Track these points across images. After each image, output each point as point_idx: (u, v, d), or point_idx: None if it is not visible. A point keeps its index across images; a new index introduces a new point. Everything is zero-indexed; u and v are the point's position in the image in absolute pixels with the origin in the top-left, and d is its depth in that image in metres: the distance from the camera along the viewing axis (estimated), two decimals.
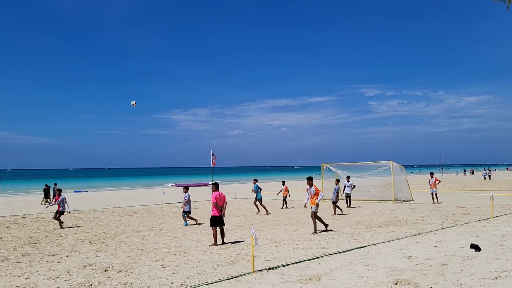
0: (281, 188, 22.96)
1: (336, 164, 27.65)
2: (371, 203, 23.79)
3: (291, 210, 21.40)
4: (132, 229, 15.30)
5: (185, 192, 16.16)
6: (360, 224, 15.23)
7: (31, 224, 17.42)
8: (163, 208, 23.74)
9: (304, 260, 9.11)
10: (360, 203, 24.00)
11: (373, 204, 23.20)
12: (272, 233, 13.48)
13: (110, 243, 12.25)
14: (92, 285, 7.52)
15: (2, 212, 22.97)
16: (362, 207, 21.89)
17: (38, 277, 8.30)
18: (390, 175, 24.71)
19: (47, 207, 27.90)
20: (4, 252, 11.24)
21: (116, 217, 19.62)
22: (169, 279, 7.83)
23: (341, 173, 26.14)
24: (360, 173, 27.04)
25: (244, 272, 8.17)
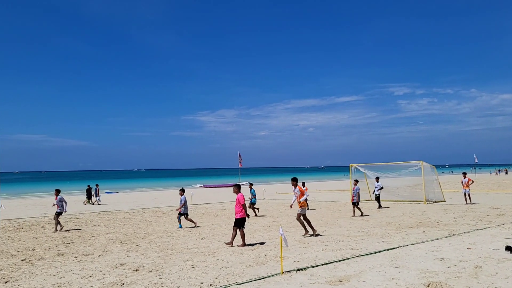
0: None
1: (364, 164, 27.33)
2: (401, 204, 23.39)
3: (317, 211, 21.24)
4: (161, 229, 15.53)
5: (181, 195, 16.02)
6: (390, 225, 14.99)
7: (65, 224, 17.90)
8: (192, 209, 23.96)
9: (333, 261, 9.03)
10: (389, 204, 23.63)
11: (403, 205, 22.79)
12: (300, 234, 13.42)
13: (140, 243, 12.47)
14: (124, 285, 7.68)
15: (38, 212, 23.73)
16: (391, 207, 21.54)
17: (72, 276, 8.53)
18: (421, 176, 24.24)
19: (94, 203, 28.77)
20: (40, 251, 11.61)
21: (146, 217, 19.96)
22: (199, 279, 7.91)
23: (370, 173, 25.81)
24: (390, 173, 26.62)
25: (272, 273, 8.16)
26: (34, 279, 8.32)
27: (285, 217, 18.74)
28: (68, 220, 19.32)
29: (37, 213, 23.51)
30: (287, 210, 21.91)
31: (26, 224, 18.28)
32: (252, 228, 15.20)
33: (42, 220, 19.75)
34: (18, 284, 7.99)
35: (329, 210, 21.04)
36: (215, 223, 16.92)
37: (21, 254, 11.25)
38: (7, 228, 16.80)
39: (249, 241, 12.17)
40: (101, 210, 24.45)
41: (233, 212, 21.09)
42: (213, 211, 22.15)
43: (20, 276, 8.66)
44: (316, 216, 18.52)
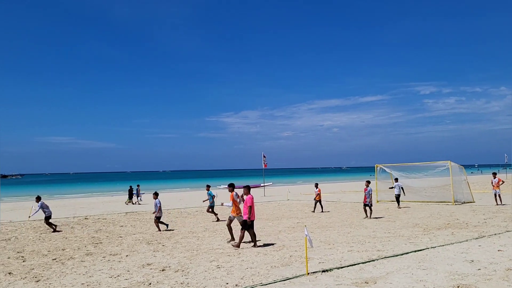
0: (314, 191, 22.04)
1: (390, 164, 26.94)
2: (429, 205, 22.96)
3: (343, 212, 21.05)
4: (187, 230, 15.69)
5: (155, 198, 15.78)
6: (417, 226, 14.73)
7: (93, 224, 18.31)
8: (216, 210, 24.11)
9: (359, 263, 8.95)
10: (416, 205, 23.25)
11: (431, 206, 22.37)
12: (325, 235, 13.35)
13: (166, 244, 12.63)
14: (151, 284, 7.79)
15: (67, 213, 24.31)
16: (418, 208, 21.16)
17: (101, 275, 8.72)
18: (449, 176, 23.74)
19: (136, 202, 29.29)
20: (69, 251, 11.90)
21: (171, 218, 20.19)
22: (224, 279, 7.96)
23: (395, 174, 25.45)
24: (416, 173, 26.19)
25: (298, 274, 8.14)
26: (65, 278, 8.54)
27: (310, 218, 18.65)
28: (96, 221, 19.73)
29: (66, 214, 24.09)
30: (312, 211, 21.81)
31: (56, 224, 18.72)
32: (276, 229, 15.21)
33: (72, 220, 20.23)
34: (49, 283, 8.21)
35: (354, 211, 20.82)
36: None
37: (52, 253, 11.56)
38: (38, 229, 17.28)
39: (274, 242, 12.19)
40: (127, 211, 24.87)
41: (256, 213, 21.18)
42: None
43: (51, 275, 8.90)
44: (341, 217, 18.38)
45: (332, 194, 35.53)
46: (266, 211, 22.66)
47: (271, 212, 21.95)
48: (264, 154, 38.15)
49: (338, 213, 20.18)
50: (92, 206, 30.45)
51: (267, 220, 18.08)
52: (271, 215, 20.16)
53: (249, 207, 11.48)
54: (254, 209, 11.80)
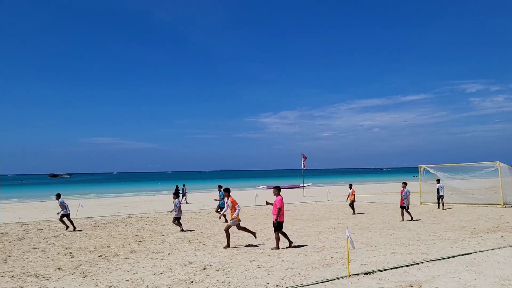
0: (348, 192, 21.55)
1: (434, 165, 26.11)
2: (476, 207, 22.08)
3: (385, 214, 20.59)
4: None
5: (175, 198, 16.14)
6: (464, 229, 14.20)
7: (136, 223, 18.79)
8: (256, 210, 24.21)
9: (403, 266, 8.72)
10: (463, 207, 22.42)
11: (478, 208, 21.51)
12: (367, 236, 13.10)
13: (207, 243, 12.78)
14: (193, 282, 7.90)
15: (111, 211, 25.08)
16: (464, 211, 20.40)
17: (145, 272, 8.93)
18: (497, 177, 22.76)
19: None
20: (114, 248, 12.27)
21: (211, 218, 20.41)
22: (265, 279, 7.96)
23: (440, 174, 24.66)
24: (463, 174, 25.27)
25: (339, 275, 8.03)
26: (110, 274, 8.81)
27: (351, 219, 18.36)
28: (139, 219, 20.23)
29: (111, 212, 24.86)
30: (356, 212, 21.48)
31: (102, 222, 19.38)
32: (316, 229, 15.07)
33: (116, 218, 20.85)
34: (96, 278, 8.50)
35: (397, 213, 20.31)
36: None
37: (98, 250, 11.95)
38: (85, 226, 17.92)
39: (314, 243, 12.08)
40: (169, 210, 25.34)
41: (296, 214, 21.10)
42: None
43: (97, 271, 9.21)
44: (383, 219, 17.99)
45: (373, 195, 34.85)
46: (305, 211, 22.50)
47: (310, 212, 21.78)
48: (303, 155, 37.94)
49: (380, 215, 19.77)
50: (135, 205, 31.26)
51: (307, 221, 17.94)
52: (311, 216, 20.00)
53: (278, 208, 11.37)
54: (284, 210, 11.65)
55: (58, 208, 17.13)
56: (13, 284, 8.24)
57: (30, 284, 8.21)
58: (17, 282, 8.36)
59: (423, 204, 24.52)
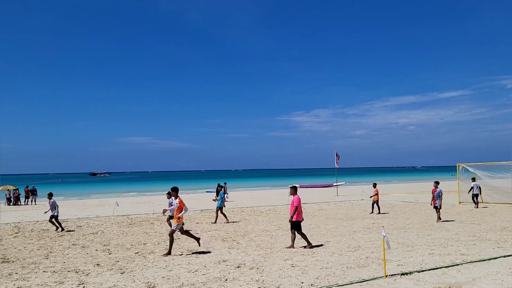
0: (372, 191, 20.87)
1: (474, 164, 25.26)
2: None
3: (421, 213, 20.08)
4: (260, 228, 15.83)
5: (169, 198, 15.19)
6: (506, 230, 13.67)
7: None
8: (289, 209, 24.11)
9: (442, 267, 8.47)
10: (504, 207, 21.60)
11: None
12: (403, 236, 12.81)
13: (241, 241, 12.83)
14: (227, 280, 7.95)
15: (147, 209, 25.59)
16: (506, 211, 19.64)
17: (180, 270, 9.05)
18: None
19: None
20: (150, 245, 12.50)
21: (245, 216, 20.49)
22: (299, 278, 7.91)
23: (480, 173, 23.87)
24: (504, 173, 24.29)
25: (375, 276, 7.89)
26: (147, 271, 8.98)
27: (386, 218, 18.02)
28: None
29: (146, 210, 25.37)
30: (388, 211, 21.08)
31: (137, 220, 19.79)
32: (351, 229, 14.87)
33: (151, 216, 21.25)
34: (133, 275, 8.68)
35: (434, 212, 19.76)
36: (313, 223, 16.81)
37: (134, 247, 12.21)
38: (122, 224, 18.35)
39: (349, 243, 11.92)
40: (203, 208, 25.62)
41: (330, 213, 20.90)
42: (311, 211, 22.05)
43: (134, 268, 9.41)
44: (420, 219, 17.57)
45: (409, 195, 34.10)
46: (339, 211, 22.25)
47: (344, 212, 21.52)
48: (336, 153, 37.55)
49: (416, 214, 19.31)
50: None
51: (340, 220, 17.73)
52: (345, 215, 19.76)
53: (295, 207, 11.29)
54: (301, 209, 11.51)
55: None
56: (55, 279, 8.53)
57: (71, 279, 8.47)
58: (59, 277, 8.65)
59: (462, 203, 23.78)
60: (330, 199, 31.21)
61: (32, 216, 23.19)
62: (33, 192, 35.49)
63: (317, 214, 20.58)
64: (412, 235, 13.12)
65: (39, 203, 35.02)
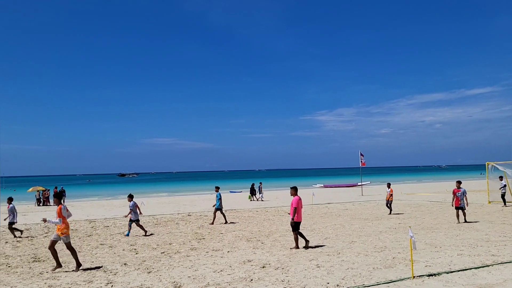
0: (386, 191, 20.13)
1: (504, 162, 24.56)
2: None
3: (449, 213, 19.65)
4: (284, 228, 15.79)
5: (130, 201, 15.06)
6: None
7: (196, 221, 19.25)
8: (313, 208, 24.01)
9: (471, 268, 8.29)
10: None
11: None
12: (431, 237, 12.58)
13: (265, 241, 12.83)
14: (253, 280, 7.96)
15: (172, 210, 25.88)
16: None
17: (205, 269, 9.12)
18: None
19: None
20: (175, 245, 12.64)
21: (269, 216, 20.49)
22: (325, 279, 7.86)
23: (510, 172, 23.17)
24: None
25: (402, 276, 7.77)
26: (173, 271, 9.08)
27: (413, 218, 17.72)
28: (198, 218, 20.70)
29: (171, 210, 25.66)
30: (414, 211, 20.74)
31: (163, 220, 20.03)
32: (377, 229, 14.69)
33: (176, 217, 21.47)
34: (159, 274, 8.79)
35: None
36: (338, 223, 16.68)
37: (160, 247, 12.37)
38: (147, 224, 18.60)
39: (375, 243, 11.77)
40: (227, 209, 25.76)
41: (355, 213, 20.69)
42: (335, 211, 21.88)
43: (160, 267, 9.53)
44: (447, 219, 17.21)
45: (436, 194, 33.45)
46: (365, 210, 22.00)
47: (370, 212, 21.27)
48: (361, 153, 37.18)
49: (444, 214, 18.92)
50: (194, 203, 32.05)
51: (366, 220, 17.53)
52: (370, 215, 19.52)
53: (294, 208, 11.22)
54: (301, 210, 11.40)
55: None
56: (84, 278, 8.72)
57: (99, 278, 8.65)
58: (87, 276, 8.84)
59: (491, 203, 23.19)
60: (355, 199, 30.90)
61: None
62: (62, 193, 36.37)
63: (342, 214, 20.40)
64: (440, 235, 12.86)
65: (67, 203, 35.86)
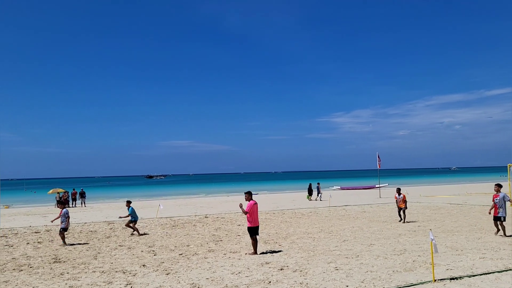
0: (397, 197, 17.87)
1: None
2: None
3: (471, 215, 19.30)
4: (302, 230, 15.72)
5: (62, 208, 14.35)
6: None
7: (213, 223, 19.29)
8: (330, 210, 23.85)
9: (494, 272, 8.11)
10: None
11: None
12: (451, 240, 12.36)
13: (283, 244, 12.78)
14: (271, 283, 7.93)
15: (189, 212, 26.00)
16: None
17: (223, 271, 9.12)
18: None
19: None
20: (193, 247, 12.68)
21: (286, 218, 20.42)
22: (344, 282, 7.78)
23: None
24: None
25: (423, 280, 7.65)
26: (191, 272, 9.11)
27: (432, 221, 17.45)
28: (215, 220, 20.74)
29: (188, 212, 25.76)
30: (434, 214, 20.43)
31: (180, 222, 20.13)
32: (396, 232, 14.51)
33: (193, 218, 21.56)
34: (178, 276, 8.83)
35: (484, 215, 18.98)
36: (356, 226, 16.53)
37: (178, 249, 12.43)
38: (165, 225, 18.72)
39: (394, 246, 11.61)
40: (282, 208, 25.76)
41: (373, 215, 20.48)
42: (353, 214, 21.69)
43: (179, 269, 9.57)
44: (469, 221, 16.90)
45: (456, 197, 32.92)
46: (383, 213, 21.76)
47: (388, 214, 21.02)
48: (378, 154, 36.87)
49: (465, 217, 18.58)
50: (211, 205, 32.14)
51: (384, 223, 17.33)
52: (389, 218, 19.29)
53: (245, 213, 11.20)
54: (255, 215, 11.30)
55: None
56: (104, 279, 8.81)
57: (119, 279, 8.72)
58: (107, 277, 8.92)
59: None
60: (372, 201, 30.60)
61: (80, 218, 24.08)
62: (82, 194, 36.94)
63: (360, 217, 20.21)
64: (461, 238, 12.63)
65: (88, 205, 36.40)
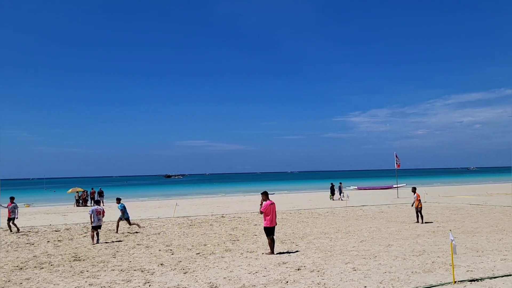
0: (413, 197, 17.65)
1: None
2: None
3: (491, 216, 18.95)
4: (319, 230, 15.65)
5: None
6: None
7: (229, 222, 19.35)
8: (347, 211, 23.70)
9: None
10: None
11: None
12: (472, 241, 12.16)
13: (299, 244, 12.75)
14: (288, 283, 7.92)
15: (205, 211, 26.12)
16: None
17: (240, 271, 9.14)
18: None
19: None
20: (210, 247, 12.74)
21: (302, 218, 20.36)
22: (362, 282, 7.73)
23: None
24: None
25: (442, 281, 7.55)
26: (208, 272, 9.16)
27: (452, 222, 17.19)
28: (232, 219, 20.79)
29: (204, 211, 25.89)
30: (453, 214, 20.13)
31: (197, 221, 20.24)
32: (414, 232, 14.34)
33: (210, 218, 21.66)
34: (195, 275, 8.88)
35: (505, 216, 18.65)
36: (373, 226, 16.39)
37: (195, 248, 12.50)
38: (182, 225, 18.84)
39: (413, 247, 11.48)
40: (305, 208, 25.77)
41: (391, 216, 20.28)
42: (371, 214, 21.51)
43: (196, 268, 9.62)
44: (489, 222, 16.60)
45: (477, 197, 32.38)
46: (401, 213, 21.53)
47: (406, 215, 20.79)
48: (396, 154, 36.48)
49: (485, 218, 18.26)
50: (228, 205, 32.24)
51: (403, 223, 17.15)
52: (407, 218, 19.07)
53: (260, 212, 11.27)
54: (273, 215, 11.25)
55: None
56: (122, 277, 8.91)
57: (137, 277, 8.82)
58: (126, 276, 9.03)
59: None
60: (390, 201, 30.30)
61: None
62: (101, 194, 37.37)
63: (377, 217, 20.03)
64: (482, 239, 12.42)
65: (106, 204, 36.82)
